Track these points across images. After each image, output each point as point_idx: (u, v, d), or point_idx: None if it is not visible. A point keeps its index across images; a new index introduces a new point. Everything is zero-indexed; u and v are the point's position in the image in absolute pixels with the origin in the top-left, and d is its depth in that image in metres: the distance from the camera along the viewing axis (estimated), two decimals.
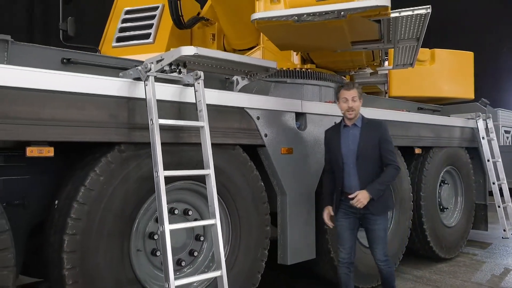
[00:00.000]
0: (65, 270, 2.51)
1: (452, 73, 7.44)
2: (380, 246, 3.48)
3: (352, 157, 3.38)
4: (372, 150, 3.37)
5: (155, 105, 2.67)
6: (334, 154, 3.49)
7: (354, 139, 3.41)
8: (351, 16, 3.22)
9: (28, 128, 2.38)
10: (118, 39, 4.94)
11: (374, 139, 3.38)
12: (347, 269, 3.54)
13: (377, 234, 3.45)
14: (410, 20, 3.42)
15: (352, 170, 3.39)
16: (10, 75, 2.34)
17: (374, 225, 3.43)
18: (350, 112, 3.39)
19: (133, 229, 2.84)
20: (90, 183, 2.62)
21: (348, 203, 3.42)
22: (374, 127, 3.45)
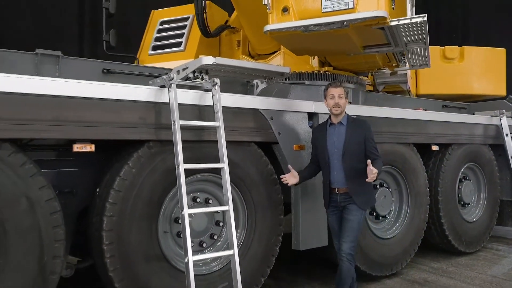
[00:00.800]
0: (104, 245, 3.06)
1: (482, 70, 7.44)
2: (350, 239, 3.58)
3: (337, 154, 3.59)
4: (357, 147, 3.57)
5: (177, 108, 3.15)
6: (320, 150, 3.70)
7: (339, 137, 3.62)
8: (354, 25, 3.56)
9: (74, 129, 2.94)
10: (153, 47, 5.53)
11: (359, 137, 3.59)
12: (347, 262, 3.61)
13: (350, 225, 3.58)
14: (410, 27, 3.70)
15: (337, 166, 3.59)
16: (61, 86, 2.90)
17: (350, 215, 3.58)
18: (336, 108, 3.59)
19: (160, 213, 3.35)
20: (124, 174, 3.15)
21: (333, 198, 3.66)
22: (359, 126, 3.66)
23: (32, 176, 2.79)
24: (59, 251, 2.91)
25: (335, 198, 3.66)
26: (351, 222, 3.58)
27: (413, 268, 5.27)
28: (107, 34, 5.27)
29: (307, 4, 3.69)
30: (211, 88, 3.44)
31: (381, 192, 4.89)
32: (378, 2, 3.50)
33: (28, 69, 3.37)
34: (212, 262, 3.60)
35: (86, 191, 3.39)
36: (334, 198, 3.67)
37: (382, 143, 4.79)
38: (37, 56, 3.40)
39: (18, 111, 2.73)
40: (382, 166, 4.70)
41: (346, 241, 3.58)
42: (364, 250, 4.58)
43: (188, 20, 5.46)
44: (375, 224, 4.88)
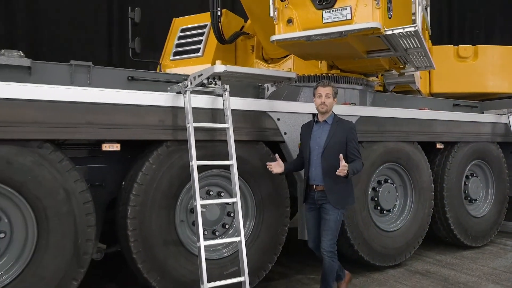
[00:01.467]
0: (129, 231, 3.54)
1: (496, 68, 7.54)
2: (328, 237, 3.70)
3: (317, 151, 3.73)
4: (338, 146, 3.67)
5: (191, 112, 3.59)
6: (304, 146, 3.87)
7: (322, 135, 3.74)
8: (351, 35, 3.90)
9: (103, 130, 3.43)
10: (174, 53, 6.00)
11: (341, 137, 3.71)
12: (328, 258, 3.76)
13: (328, 224, 3.70)
14: (405, 35, 4.00)
15: (316, 163, 3.73)
16: (92, 94, 3.39)
17: (327, 215, 3.70)
18: (322, 107, 3.73)
19: (177, 204, 3.81)
20: (146, 169, 3.62)
21: (310, 195, 3.81)
22: (343, 127, 3.78)
23: (68, 171, 3.29)
24: (91, 235, 3.40)
25: (312, 194, 3.79)
26: (328, 221, 3.70)
27: (418, 260, 5.56)
28: (132, 42, 5.80)
29: (309, 16, 4.06)
30: (222, 93, 3.86)
31: (385, 188, 5.20)
32: (373, 14, 3.83)
33: (64, 78, 3.88)
34: (223, 248, 4.03)
35: (113, 184, 3.87)
36: (312, 195, 3.80)
37: (386, 142, 5.13)
38: (72, 66, 3.90)
39: (57, 116, 3.23)
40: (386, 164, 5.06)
41: (325, 239, 3.71)
42: (368, 241, 4.91)
43: (206, 28, 5.90)
44: (380, 217, 5.20)
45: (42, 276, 3.19)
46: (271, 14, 4.15)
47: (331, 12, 3.96)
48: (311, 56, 4.92)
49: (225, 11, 5.85)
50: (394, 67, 5.69)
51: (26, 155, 3.13)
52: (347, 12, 3.89)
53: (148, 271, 3.62)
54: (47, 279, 3.20)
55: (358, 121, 4.82)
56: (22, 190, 3.13)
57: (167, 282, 3.69)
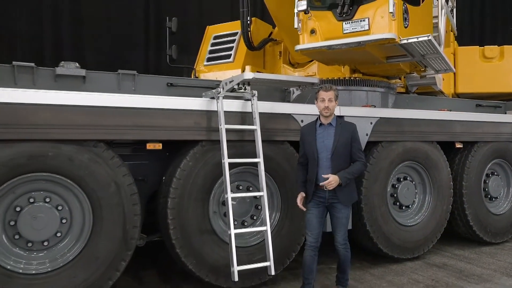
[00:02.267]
0: (169, 220, 4.04)
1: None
2: (342, 232, 3.97)
3: (326, 152, 3.86)
4: (344, 147, 3.87)
5: (223, 116, 4.05)
6: (309, 149, 3.94)
7: (329, 137, 3.89)
8: (369, 44, 4.25)
9: (147, 132, 3.94)
10: (208, 59, 6.50)
11: (346, 138, 3.88)
12: (312, 252, 3.98)
13: (340, 221, 3.94)
14: (420, 44, 4.32)
15: (325, 164, 3.86)
16: (137, 100, 3.90)
17: (339, 213, 3.93)
18: (326, 111, 3.86)
19: (211, 197, 4.28)
20: (183, 166, 4.11)
21: (319, 194, 3.92)
22: (347, 128, 3.95)
23: (118, 167, 3.82)
24: (137, 223, 3.92)
25: (322, 194, 3.91)
26: (341, 219, 3.94)
27: (436, 254, 5.84)
28: (169, 49, 6.33)
29: (331, 27, 4.44)
30: (251, 98, 4.30)
31: (404, 185, 5.51)
32: (390, 25, 4.18)
33: (113, 85, 4.44)
34: (251, 237, 4.48)
35: (154, 179, 4.39)
36: (321, 194, 3.92)
37: (404, 142, 5.43)
38: (119, 75, 4.45)
39: (109, 119, 3.76)
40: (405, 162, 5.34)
41: (339, 234, 3.97)
42: (386, 235, 5.24)
43: (237, 35, 6.36)
44: (399, 213, 5.51)
45: (97, 256, 3.73)
46: (296, 26, 4.56)
47: (350, 23, 4.34)
48: (334, 62, 5.29)
49: (255, 19, 6.29)
50: (415, 70, 5.97)
51: (84, 153, 3.67)
52: (365, 23, 4.26)
53: (185, 256, 4.11)
54: (101, 259, 3.75)
55: (378, 122, 5.16)
56: (81, 183, 3.68)
57: (202, 266, 4.17)
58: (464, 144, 6.13)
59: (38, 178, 3.58)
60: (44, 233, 3.61)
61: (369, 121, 5.12)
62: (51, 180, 3.63)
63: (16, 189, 3.54)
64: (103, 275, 3.75)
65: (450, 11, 8.09)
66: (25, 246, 3.58)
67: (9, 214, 3.54)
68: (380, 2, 4.19)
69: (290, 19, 5.17)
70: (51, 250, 3.66)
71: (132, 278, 4.82)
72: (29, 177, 3.54)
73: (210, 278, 4.22)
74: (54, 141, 3.56)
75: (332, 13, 4.44)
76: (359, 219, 5.11)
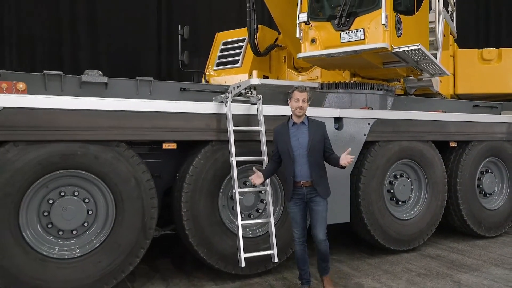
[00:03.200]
0: (183, 212, 4.49)
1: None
2: (323, 226, 4.07)
3: (302, 150, 4.01)
4: (318, 144, 4.05)
5: (231, 118, 4.49)
6: (283, 148, 4.07)
7: (303, 135, 4.04)
8: (364, 52, 4.66)
9: (163, 133, 4.39)
10: (217, 64, 6.95)
11: (319, 135, 4.07)
12: (302, 245, 4.19)
13: (320, 214, 4.06)
14: (411, 51, 4.70)
15: (302, 160, 4.01)
16: (154, 104, 4.35)
17: (318, 206, 4.06)
18: (299, 111, 4.00)
19: (220, 192, 4.72)
20: (195, 163, 4.55)
21: (298, 191, 4.07)
22: (318, 126, 4.13)
23: (137, 164, 4.28)
24: (154, 214, 4.39)
25: (300, 191, 4.07)
26: (320, 212, 4.07)
27: (431, 246, 6.23)
28: (182, 55, 6.79)
29: (330, 37, 4.85)
30: (257, 102, 4.73)
31: (401, 181, 5.90)
32: (383, 36, 4.58)
33: (131, 90, 4.91)
34: (257, 229, 4.91)
35: (168, 175, 4.84)
36: (300, 191, 4.07)
37: (400, 141, 5.82)
38: (137, 81, 4.91)
39: (129, 122, 4.21)
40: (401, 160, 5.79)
41: (319, 228, 4.07)
42: (383, 228, 5.64)
43: (244, 42, 6.79)
44: (395, 207, 5.90)
45: (119, 243, 4.20)
46: (298, 35, 4.98)
47: (347, 33, 4.75)
48: (334, 67, 5.70)
49: (261, 27, 6.72)
50: (412, 74, 6.33)
51: (108, 152, 4.14)
52: (361, 33, 4.66)
53: (197, 244, 4.56)
54: (123, 246, 4.21)
55: (375, 123, 5.55)
56: (105, 179, 4.15)
57: (212, 253, 4.62)
58: (459, 143, 6.49)
59: (68, 174, 4.06)
60: (73, 223, 4.09)
61: (367, 122, 5.51)
62: (79, 176, 4.11)
63: (49, 184, 4.02)
64: (124, 260, 4.22)
65: (450, 15, 8.45)
66: (56, 234, 4.06)
67: (43, 205, 4.02)
68: (374, 15, 4.60)
69: (293, 27, 5.59)
70: (79, 237, 4.14)
71: (148, 266, 5.28)
72: (61, 173, 4.01)
73: (219, 265, 4.67)
74: (82, 142, 4.03)
75: (331, 24, 4.85)
76: (358, 213, 5.51)
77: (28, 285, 3.84)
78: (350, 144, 5.36)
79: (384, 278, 4.88)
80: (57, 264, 3.98)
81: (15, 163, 3.78)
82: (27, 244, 3.88)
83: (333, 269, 5.10)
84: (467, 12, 14.49)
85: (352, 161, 4.07)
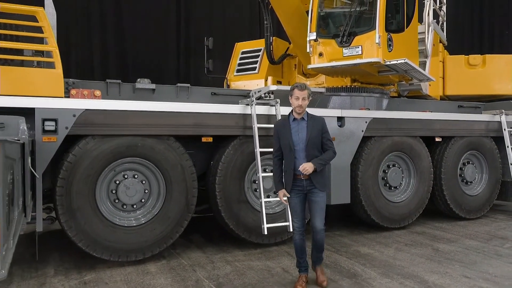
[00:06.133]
0: (217, 192, 5.64)
1: (502, 74, 9.09)
2: (321, 216, 4.21)
3: (301, 144, 4.19)
4: (316, 138, 4.21)
5: (255, 117, 5.62)
6: (285, 142, 4.25)
7: (302, 130, 4.21)
8: (362, 64, 5.79)
9: (202, 129, 5.54)
10: (237, 70, 8.10)
11: (318, 130, 4.22)
12: (301, 235, 4.37)
13: (319, 205, 4.20)
14: (398, 64, 5.82)
15: (301, 154, 4.18)
16: (189, 106, 5.49)
17: (317, 197, 4.22)
18: (299, 108, 4.17)
19: (246, 177, 5.87)
20: (226, 154, 5.69)
21: (298, 183, 4.23)
22: (317, 121, 4.28)
23: (182, 154, 5.43)
24: (195, 193, 5.54)
25: (300, 183, 4.24)
26: (319, 203, 4.23)
27: (419, 225, 7.37)
28: (207, 62, 7.94)
29: (334, 51, 5.99)
30: (275, 104, 5.87)
31: (393, 170, 7.03)
32: (377, 51, 5.70)
33: (172, 95, 6.06)
34: (276, 206, 6.06)
35: (201, 163, 5.96)
36: (300, 184, 4.24)
37: (393, 136, 6.95)
38: (177, 87, 6.06)
39: (176, 121, 5.34)
40: (393, 152, 6.80)
41: (318, 218, 4.22)
42: (378, 209, 6.78)
43: (260, 51, 7.94)
44: (388, 192, 7.04)
45: (169, 216, 5.36)
46: (308, 50, 6.12)
47: (348, 49, 5.88)
48: (337, 75, 6.84)
49: (275, 39, 7.87)
50: (403, 79, 7.48)
51: (161, 144, 5.29)
52: (359, 49, 5.80)
53: (228, 218, 5.71)
54: (171, 218, 5.36)
55: (371, 122, 6.67)
56: (158, 165, 5.30)
57: (239, 226, 5.77)
58: (443, 138, 7.61)
59: (131, 161, 5.21)
60: (133, 199, 5.25)
61: (365, 120, 6.64)
62: (138, 162, 5.26)
63: (116, 168, 5.17)
64: (173, 229, 5.38)
65: (441, 25, 9.58)
66: (121, 208, 5.22)
67: (111, 185, 5.17)
68: (369, 35, 5.73)
69: (302, 38, 6.73)
70: (138, 210, 5.30)
71: (184, 239, 6.44)
72: (125, 160, 5.17)
73: (245, 235, 5.82)
74: (142, 136, 5.18)
75: (335, 41, 5.99)
76: (356, 196, 6.65)
77: (102, 246, 5.00)
78: (350, 138, 6.53)
79: (378, 247, 6.03)
80: (124, 230, 5.14)
81: (93, 152, 4.94)
82: (101, 215, 5.04)
83: (336, 240, 6.26)
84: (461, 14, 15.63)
85: (307, 171, 4.13)
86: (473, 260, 5.40)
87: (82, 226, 4.89)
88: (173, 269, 5.06)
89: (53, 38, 4.80)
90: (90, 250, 4.95)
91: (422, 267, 5.11)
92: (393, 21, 6.20)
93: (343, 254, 5.66)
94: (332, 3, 6.41)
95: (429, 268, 5.06)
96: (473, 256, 5.56)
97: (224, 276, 4.83)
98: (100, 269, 5.05)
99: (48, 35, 4.75)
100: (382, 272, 4.93)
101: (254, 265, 5.22)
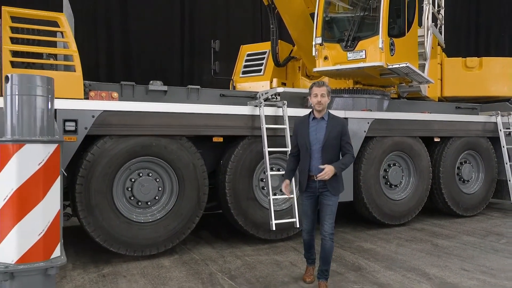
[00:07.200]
0: (226, 190, 5.88)
1: (498, 76, 9.37)
2: (330, 221, 4.07)
3: (318, 144, 4.06)
4: (334, 140, 4.06)
5: (263, 118, 5.87)
6: (302, 140, 4.15)
7: (320, 130, 4.08)
8: (365, 68, 6.06)
9: (213, 129, 5.79)
10: (243, 72, 8.34)
11: (337, 132, 4.06)
12: (310, 235, 4.39)
13: (330, 208, 4.08)
14: (400, 68, 6.09)
15: (317, 155, 4.06)
16: (199, 108, 5.72)
17: (329, 201, 4.09)
18: (318, 105, 4.03)
19: (254, 175, 6.12)
20: (236, 153, 5.94)
21: (311, 185, 4.13)
22: (337, 123, 4.12)
23: (194, 153, 5.67)
24: (206, 191, 5.78)
25: (313, 184, 4.13)
26: (330, 206, 4.10)
27: (418, 222, 7.66)
28: (214, 64, 8.18)
29: (339, 55, 6.25)
30: (282, 106, 6.12)
31: (394, 169, 7.30)
32: (380, 56, 5.96)
33: (183, 96, 6.30)
34: (283, 204, 6.32)
35: (211, 162, 6.21)
36: (313, 185, 4.13)
37: (393, 136, 7.22)
38: (188, 89, 6.31)
39: (188, 121, 5.59)
40: (394, 152, 7.05)
41: (327, 223, 4.08)
42: (379, 206, 7.05)
43: (265, 54, 8.19)
44: (389, 190, 7.32)
45: (181, 212, 5.60)
46: (314, 54, 6.37)
47: (352, 53, 6.15)
48: (341, 77, 7.10)
49: (280, 41, 8.11)
50: (403, 81, 7.76)
51: (173, 143, 5.53)
52: (363, 53, 6.06)
53: (237, 215, 5.96)
54: (184, 214, 5.61)
55: (373, 122, 6.94)
56: (171, 164, 5.53)
57: (248, 222, 6.02)
58: (442, 138, 7.89)
59: (145, 160, 5.45)
60: (148, 196, 5.48)
61: (367, 121, 6.91)
62: (152, 161, 5.50)
63: (131, 167, 5.41)
64: (185, 225, 5.62)
65: (439, 28, 9.87)
66: (136, 204, 5.46)
67: (127, 183, 5.41)
68: (373, 40, 6.00)
69: (307, 42, 6.98)
70: (153, 207, 5.54)
71: (194, 236, 6.68)
72: (140, 159, 5.40)
73: (253, 231, 6.07)
74: (156, 136, 5.41)
75: (339, 45, 6.25)
76: (359, 194, 6.91)
77: (118, 241, 5.24)
78: (353, 138, 6.70)
79: (380, 243, 6.30)
80: (139, 226, 5.38)
81: (110, 151, 5.17)
82: (118, 211, 5.28)
83: (339, 237, 6.53)
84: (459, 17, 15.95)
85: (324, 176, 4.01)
86: (470, 254, 5.68)
87: (100, 222, 5.12)
88: (186, 263, 5.31)
89: (73, 43, 5.03)
90: (107, 245, 5.19)
91: (423, 261, 5.38)
92: (395, 26, 6.47)
93: (347, 249, 5.92)
94: (336, 9, 6.67)
95: (430, 262, 5.33)
96: (470, 251, 5.84)
97: (235, 269, 5.08)
98: (117, 263, 5.29)
99: (68, 39, 4.98)
100: (385, 265, 5.20)
101: (263, 259, 5.48)
